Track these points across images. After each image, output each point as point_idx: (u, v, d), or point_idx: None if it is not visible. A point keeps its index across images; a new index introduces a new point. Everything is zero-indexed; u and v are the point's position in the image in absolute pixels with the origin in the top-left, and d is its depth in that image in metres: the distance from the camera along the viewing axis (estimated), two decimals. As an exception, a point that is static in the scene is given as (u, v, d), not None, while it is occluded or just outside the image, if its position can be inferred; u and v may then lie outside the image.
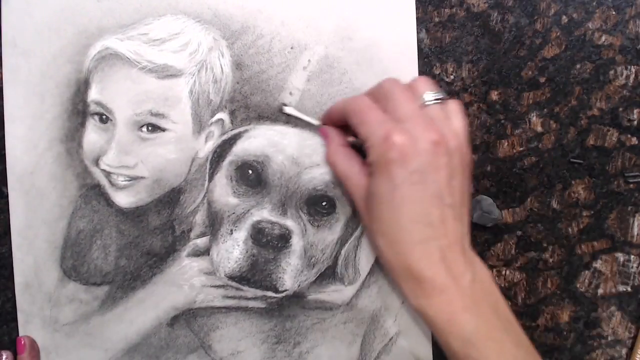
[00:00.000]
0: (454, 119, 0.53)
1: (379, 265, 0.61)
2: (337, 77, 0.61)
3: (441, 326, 0.50)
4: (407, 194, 0.50)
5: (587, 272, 0.63)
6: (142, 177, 0.59)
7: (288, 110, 0.60)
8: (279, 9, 0.60)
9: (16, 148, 0.59)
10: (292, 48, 0.60)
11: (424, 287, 0.51)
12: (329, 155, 0.57)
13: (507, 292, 0.63)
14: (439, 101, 0.53)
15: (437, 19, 0.62)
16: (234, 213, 0.59)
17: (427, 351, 0.62)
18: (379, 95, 0.54)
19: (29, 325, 0.60)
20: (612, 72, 0.62)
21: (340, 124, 0.58)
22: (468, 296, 0.51)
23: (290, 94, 0.61)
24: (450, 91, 0.62)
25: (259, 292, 0.59)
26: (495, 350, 0.50)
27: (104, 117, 0.59)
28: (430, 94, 0.53)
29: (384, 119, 0.52)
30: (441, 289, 0.50)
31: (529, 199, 0.63)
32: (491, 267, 0.62)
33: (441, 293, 0.50)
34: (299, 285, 0.60)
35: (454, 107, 0.54)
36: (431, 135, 0.51)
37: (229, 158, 0.60)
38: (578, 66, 0.62)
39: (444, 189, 0.51)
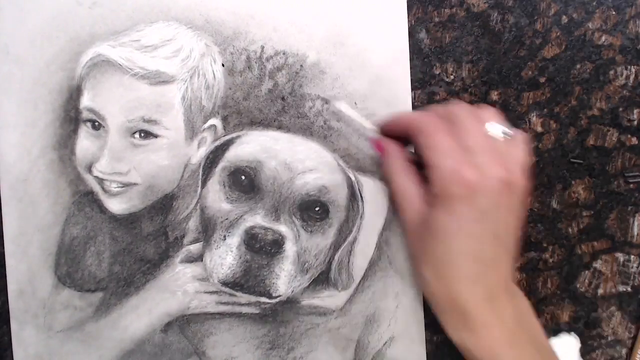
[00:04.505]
0: (519, 153, 0.52)
1: (372, 271, 0.61)
2: (330, 82, 0.60)
3: None
4: (466, 231, 0.50)
5: (587, 272, 0.63)
6: (134, 184, 0.59)
7: (340, 106, 0.60)
8: (271, 14, 0.60)
9: (9, 155, 0.60)
10: (284, 54, 0.60)
11: (466, 321, 0.51)
12: (389, 170, 0.57)
13: (505, 294, 0.63)
14: (506, 136, 0.52)
15: (437, 19, 0.62)
16: (227, 219, 0.59)
17: (421, 356, 0.62)
18: (446, 116, 0.53)
19: (22, 332, 0.60)
20: (612, 72, 0.62)
21: (397, 136, 0.57)
22: (509, 330, 0.51)
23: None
24: (450, 91, 0.62)
25: (253, 298, 0.59)
26: None
27: (96, 123, 0.59)
28: (496, 126, 0.52)
29: (453, 148, 0.50)
30: (484, 324, 0.50)
31: (528, 199, 0.62)
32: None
33: (483, 328, 0.50)
34: (293, 291, 0.60)
35: (520, 140, 0.53)
36: (500, 172, 0.50)
37: (222, 164, 0.59)
38: (578, 66, 0.62)
39: (502, 228, 0.51)
